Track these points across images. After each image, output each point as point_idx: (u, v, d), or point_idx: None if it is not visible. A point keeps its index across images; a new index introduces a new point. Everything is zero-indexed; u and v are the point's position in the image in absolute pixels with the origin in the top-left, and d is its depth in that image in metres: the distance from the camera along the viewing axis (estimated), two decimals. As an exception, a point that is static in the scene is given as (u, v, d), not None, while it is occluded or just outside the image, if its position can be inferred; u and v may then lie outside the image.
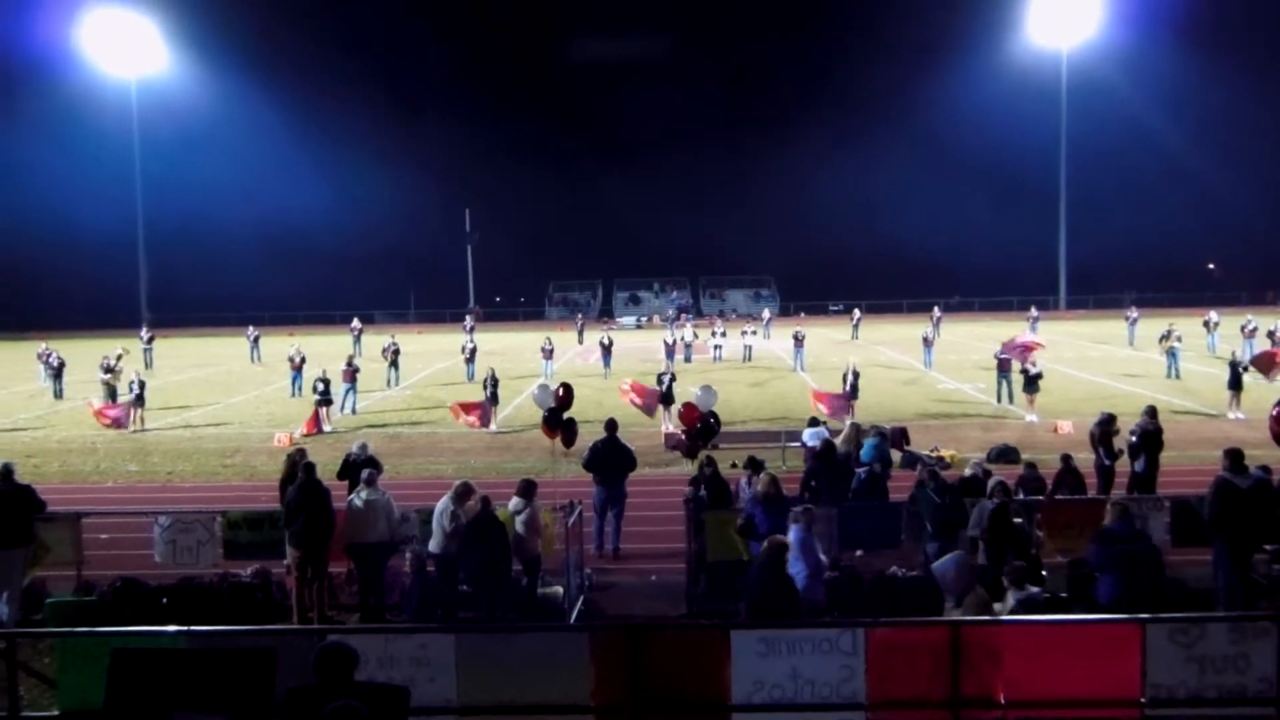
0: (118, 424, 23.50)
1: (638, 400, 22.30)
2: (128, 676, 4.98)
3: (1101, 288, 72.52)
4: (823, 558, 9.84)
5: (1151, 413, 14.29)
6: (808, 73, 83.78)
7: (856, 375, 22.90)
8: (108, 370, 26.68)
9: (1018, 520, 10.34)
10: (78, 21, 68.41)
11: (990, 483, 10.79)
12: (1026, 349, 23.27)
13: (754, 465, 11.88)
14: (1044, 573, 10.32)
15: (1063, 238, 73.90)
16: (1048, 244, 74.67)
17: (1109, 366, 33.60)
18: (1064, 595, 10.08)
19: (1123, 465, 14.19)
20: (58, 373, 30.03)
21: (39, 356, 32.03)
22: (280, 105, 74.60)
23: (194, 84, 73.89)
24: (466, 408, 22.55)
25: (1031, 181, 74.93)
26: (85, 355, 35.17)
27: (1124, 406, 21.08)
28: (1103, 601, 8.70)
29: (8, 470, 11.01)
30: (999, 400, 24.54)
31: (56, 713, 7.21)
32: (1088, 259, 72.44)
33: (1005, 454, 17.88)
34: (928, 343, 34.32)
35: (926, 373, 32.73)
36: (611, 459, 13.49)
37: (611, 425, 14.05)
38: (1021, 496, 11.68)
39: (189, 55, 73.35)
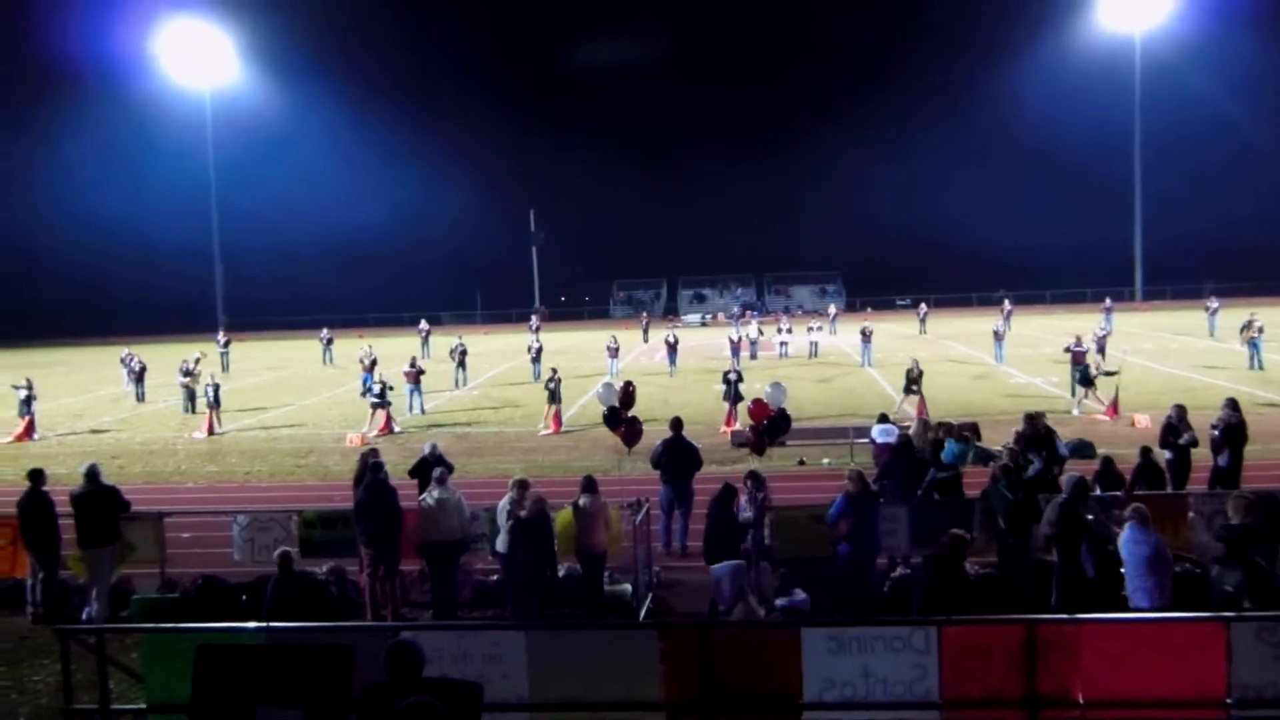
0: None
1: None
2: (212, 672, 5.12)
3: (1179, 278, 70.46)
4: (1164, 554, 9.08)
5: (1233, 405, 13.85)
6: (874, 65, 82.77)
7: (920, 372, 22.72)
8: (187, 374, 27.48)
9: (1090, 517, 10.09)
10: (155, 33, 70.36)
11: (1065, 478, 10.55)
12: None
13: (754, 478, 11.49)
14: (1123, 571, 10.07)
15: (1138, 227, 71.99)
16: (1122, 234, 72.77)
17: (1189, 358, 32.67)
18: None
19: (1204, 460, 13.78)
20: (139, 377, 30.93)
21: (122, 361, 33.01)
22: (348, 113, 76.13)
23: (265, 94, 75.71)
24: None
25: (1104, 170, 73.09)
26: (165, 360, 36.18)
27: (1205, 399, 20.51)
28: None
29: (94, 472, 11.39)
30: (1073, 394, 24.00)
31: (143, 706, 7.43)
32: (1164, 248, 70.40)
33: (1081, 449, 17.47)
34: (998, 336, 33.69)
35: (997, 367, 32.15)
36: (677, 458, 13.46)
37: (677, 424, 14.03)
38: (1098, 492, 11.41)
39: (261, 66, 75.16)
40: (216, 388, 25.03)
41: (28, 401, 24.43)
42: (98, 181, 74.79)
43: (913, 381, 22.79)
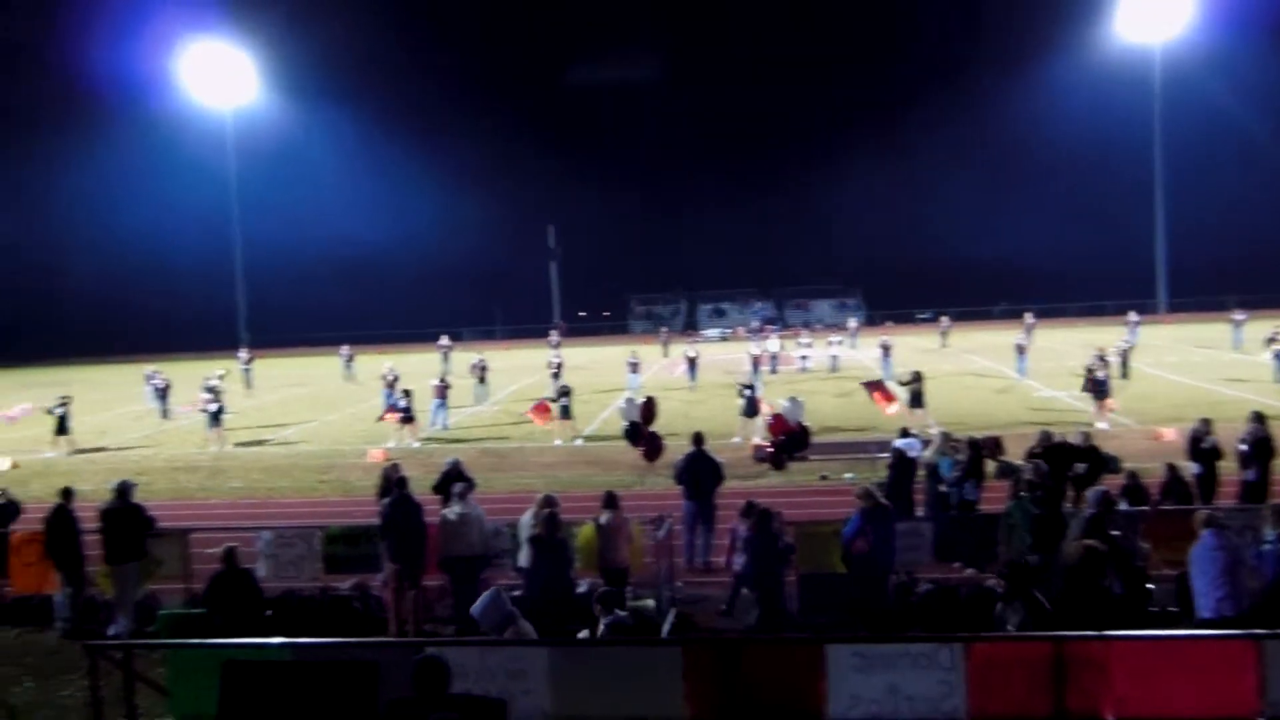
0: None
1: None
2: (239, 687, 5.15)
3: (1204, 289, 69.78)
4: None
5: (1260, 419, 13.71)
6: (893, 77, 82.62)
7: (917, 381, 22.95)
8: (210, 390, 27.65)
9: (1115, 533, 10.00)
10: (178, 55, 71.18)
11: (1090, 493, 10.47)
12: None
13: (750, 509, 11.18)
14: (1150, 586, 9.97)
15: (1160, 239, 71.40)
16: (1145, 245, 72.19)
17: (1214, 371, 32.36)
18: (1174, 609, 9.70)
19: (1231, 474, 13.64)
20: (163, 394, 31.15)
21: (146, 378, 33.27)
22: (367, 132, 76.64)
23: (286, 113, 76.38)
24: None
25: (1126, 181, 72.54)
26: (189, 377, 36.46)
27: (1230, 412, 20.30)
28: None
29: (124, 488, 11.49)
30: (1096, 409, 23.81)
31: (169, 721, 7.48)
32: (1188, 260, 69.74)
33: (1106, 463, 17.31)
34: (1021, 350, 33.49)
35: (1020, 380, 31.95)
36: (699, 472, 13.44)
37: (698, 439, 14.01)
38: (1124, 507, 11.31)
39: (281, 86, 75.81)
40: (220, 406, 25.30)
41: (62, 420, 24.65)
42: (121, 201, 75.54)
43: (915, 395, 23.03)
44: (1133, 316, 44.62)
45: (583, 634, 8.73)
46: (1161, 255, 71.72)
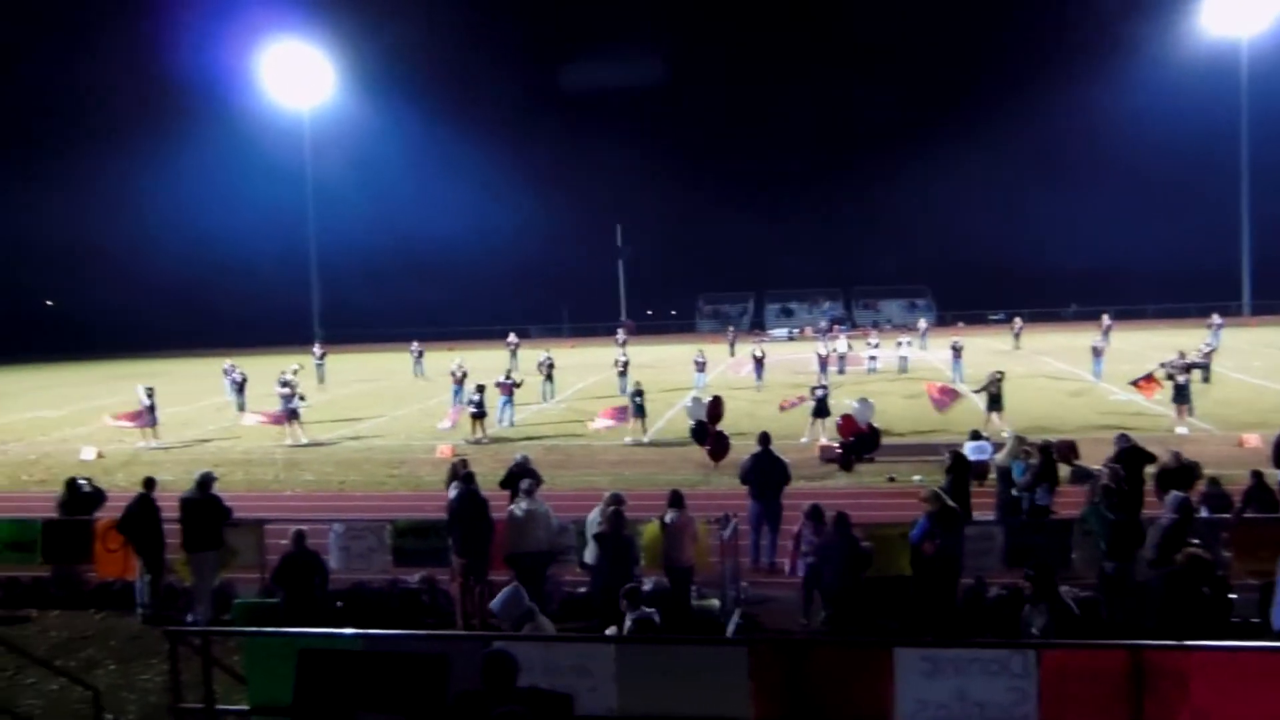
0: (276, 422, 25.16)
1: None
2: (314, 676, 5.26)
3: (1290, 291, 67.45)
4: None
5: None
6: (964, 76, 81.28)
7: (997, 382, 22.58)
8: (285, 385, 28.25)
9: (1194, 541, 9.71)
10: (258, 54, 72.92)
11: (1170, 498, 10.19)
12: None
13: (815, 513, 11.16)
14: (1233, 596, 9.67)
15: (1246, 239, 69.07)
16: (1228, 245, 69.91)
17: (1301, 376, 31.24)
18: (1257, 620, 9.40)
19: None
20: (241, 387, 31.88)
21: (224, 372, 34.07)
22: (440, 131, 77.71)
23: (361, 113, 77.76)
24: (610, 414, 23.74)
25: (1209, 179, 70.27)
26: (265, 371, 37.33)
27: (1320, 419, 19.60)
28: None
29: (206, 480, 11.83)
30: (1178, 414, 23.13)
31: (246, 707, 7.66)
32: (1275, 261, 67.40)
33: (1186, 469, 16.83)
34: (1097, 352, 32.67)
35: (1096, 384, 31.20)
36: (766, 472, 13.37)
37: (765, 438, 13.94)
38: (1205, 514, 10.99)
39: (356, 86, 77.19)
40: (298, 398, 25.79)
41: (151, 409, 25.38)
42: (202, 198, 77.84)
43: (994, 397, 22.62)
44: (1216, 319, 43.27)
45: (610, 631, 8.74)
46: (1246, 255, 69.40)
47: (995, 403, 22.78)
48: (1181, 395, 22.21)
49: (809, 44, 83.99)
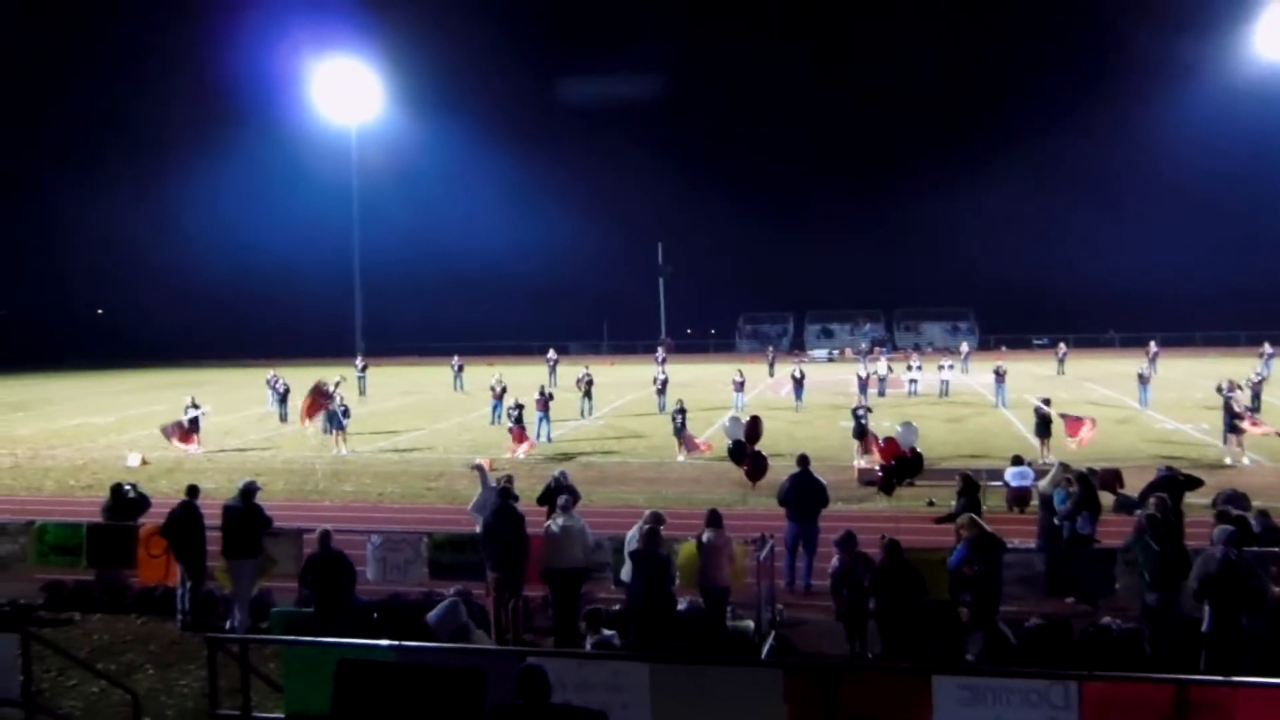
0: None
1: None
2: (352, 686, 5.30)
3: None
4: None
5: None
6: (1010, 97, 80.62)
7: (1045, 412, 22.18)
8: (326, 396, 28.54)
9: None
10: (307, 69, 74.12)
11: (1216, 531, 9.97)
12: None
13: (848, 541, 10.66)
14: (1282, 632, 9.43)
15: (1298, 266, 67.66)
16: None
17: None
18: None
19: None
20: (283, 398, 32.29)
21: (268, 382, 34.55)
22: (483, 148, 78.53)
23: (406, 129, 78.67)
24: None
25: (1261, 205, 69.09)
26: (307, 382, 37.71)
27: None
28: None
29: (249, 490, 11.97)
30: (1225, 443, 22.69)
31: (282, 715, 7.71)
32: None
33: (1233, 500, 16.47)
34: (1143, 379, 32.17)
35: (1142, 411, 30.70)
36: (803, 494, 13.27)
37: (803, 460, 13.85)
38: (1255, 547, 10.73)
39: (402, 102, 78.13)
40: (346, 410, 26.03)
41: (195, 421, 25.81)
42: (250, 210, 79.19)
43: (1044, 421, 22.21)
44: (1267, 348, 42.39)
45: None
46: (1298, 283, 67.89)
47: (1044, 428, 22.41)
48: (1236, 427, 21.76)
49: (854, 64, 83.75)
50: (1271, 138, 67.12)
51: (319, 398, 25.44)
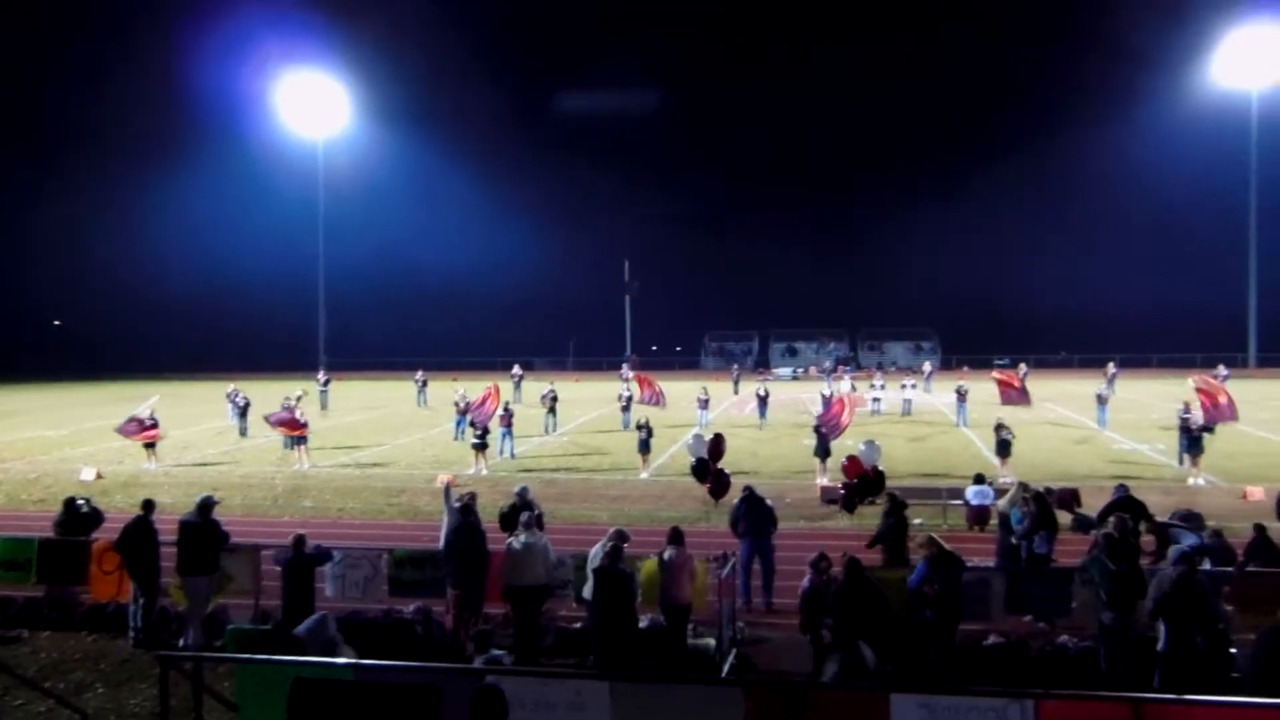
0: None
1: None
2: (307, 705, 5.22)
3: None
4: None
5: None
6: (972, 124, 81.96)
7: (1002, 430, 22.45)
8: (288, 410, 28.26)
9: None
10: (273, 83, 73.65)
11: (1172, 550, 10.12)
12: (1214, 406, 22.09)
13: (820, 562, 10.64)
14: (1234, 650, 9.58)
15: (1253, 289, 68.89)
16: (1235, 296, 69.81)
17: (1307, 429, 31.12)
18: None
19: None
20: (243, 412, 31.90)
21: (228, 396, 34.13)
22: (448, 162, 78.58)
23: (372, 143, 78.54)
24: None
25: (1216, 230, 70.43)
26: (268, 396, 37.34)
27: (1325, 473, 19.50)
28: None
29: (207, 504, 11.77)
30: (1181, 463, 23.04)
31: (235, 735, 7.57)
32: (1280, 311, 67.33)
33: (1188, 520, 16.72)
34: (1102, 400, 32.59)
35: (1100, 431, 31.10)
36: (754, 518, 13.24)
37: (748, 488, 13.75)
38: (1208, 566, 10.90)
39: (368, 116, 78.00)
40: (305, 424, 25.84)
41: (153, 417, 25.48)
42: (213, 223, 78.45)
43: (1003, 442, 22.43)
44: (1221, 370, 43.19)
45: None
46: (1253, 307, 69.28)
47: (1004, 448, 22.63)
48: (1195, 446, 22.06)
49: (820, 86, 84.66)
50: (1227, 163, 68.66)
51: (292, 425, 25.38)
